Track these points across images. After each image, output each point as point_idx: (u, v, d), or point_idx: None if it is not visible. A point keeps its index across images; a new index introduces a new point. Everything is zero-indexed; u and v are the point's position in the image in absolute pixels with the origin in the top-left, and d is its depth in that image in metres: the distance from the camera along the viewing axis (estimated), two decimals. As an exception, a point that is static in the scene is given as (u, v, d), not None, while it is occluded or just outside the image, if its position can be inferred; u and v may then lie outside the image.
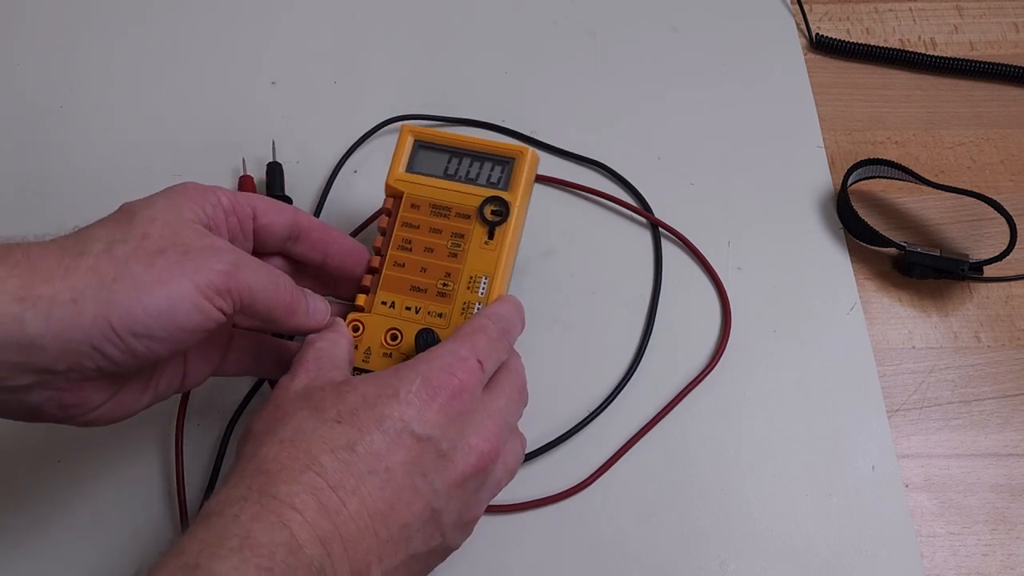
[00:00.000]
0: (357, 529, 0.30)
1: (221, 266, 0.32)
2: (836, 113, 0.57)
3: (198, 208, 0.35)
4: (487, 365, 0.35)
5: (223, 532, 0.28)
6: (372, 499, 0.30)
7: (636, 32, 0.60)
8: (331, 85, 0.58)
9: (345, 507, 0.30)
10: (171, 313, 0.31)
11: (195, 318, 0.32)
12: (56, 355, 0.30)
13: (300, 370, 0.35)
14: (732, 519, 0.43)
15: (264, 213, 0.38)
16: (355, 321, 0.40)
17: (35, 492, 0.43)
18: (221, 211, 0.36)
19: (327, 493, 0.30)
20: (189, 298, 0.31)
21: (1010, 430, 0.46)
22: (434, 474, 0.32)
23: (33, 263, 0.30)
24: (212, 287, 0.32)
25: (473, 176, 0.43)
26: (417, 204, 0.42)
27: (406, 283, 0.41)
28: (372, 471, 0.30)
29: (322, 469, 0.30)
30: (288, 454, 0.30)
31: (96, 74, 0.58)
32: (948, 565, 0.42)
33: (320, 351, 0.36)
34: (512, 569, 0.42)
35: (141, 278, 0.31)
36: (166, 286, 0.31)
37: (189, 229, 0.34)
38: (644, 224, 0.52)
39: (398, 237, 0.42)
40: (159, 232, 0.33)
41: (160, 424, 0.44)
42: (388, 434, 0.31)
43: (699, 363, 0.47)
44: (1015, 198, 0.53)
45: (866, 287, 0.51)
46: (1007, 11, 0.62)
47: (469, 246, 0.41)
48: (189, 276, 0.32)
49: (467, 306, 0.40)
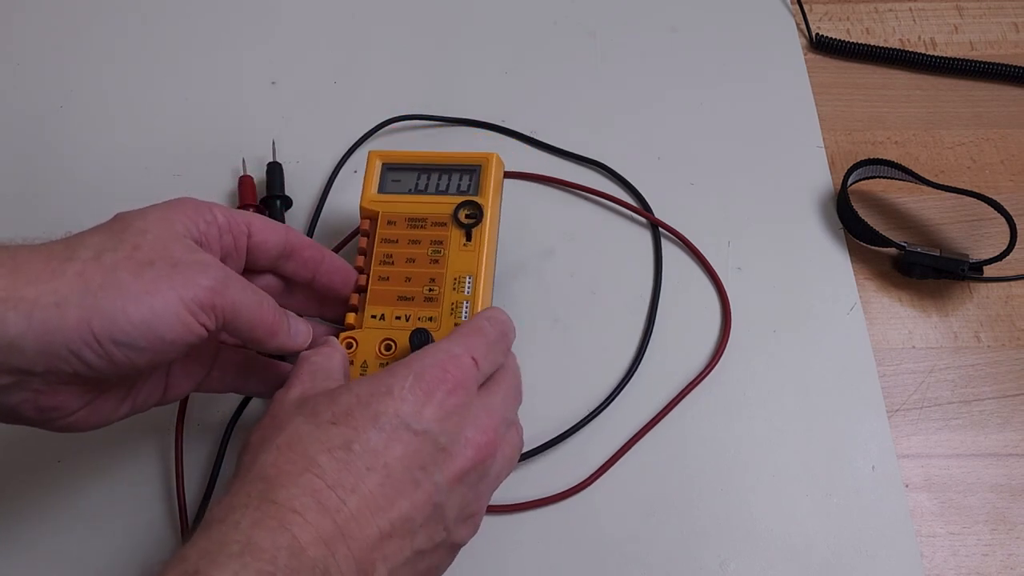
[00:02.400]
0: (359, 527, 0.30)
1: (208, 282, 0.33)
2: (836, 113, 0.57)
3: (191, 224, 0.35)
4: (482, 364, 0.35)
5: (224, 539, 0.28)
6: (373, 495, 0.30)
7: (636, 32, 0.60)
8: (331, 85, 0.58)
9: (346, 505, 0.30)
10: (154, 324, 0.31)
11: (177, 331, 0.32)
12: (34, 357, 0.30)
13: (295, 382, 0.35)
14: (732, 519, 0.43)
15: (258, 231, 0.38)
16: (348, 339, 0.41)
17: (35, 494, 0.43)
18: (215, 228, 0.36)
19: (326, 493, 0.29)
20: (173, 311, 0.32)
21: (1010, 430, 0.46)
22: (433, 468, 0.32)
23: (18, 264, 0.31)
24: (197, 302, 0.32)
25: (443, 188, 0.45)
26: (393, 220, 0.44)
27: (393, 294, 0.42)
28: (371, 468, 0.30)
29: (320, 470, 0.30)
30: (285, 458, 0.30)
31: (96, 75, 0.58)
32: (948, 565, 0.42)
33: (315, 364, 0.36)
34: (512, 569, 0.42)
35: (127, 287, 0.31)
36: (152, 297, 0.31)
37: (180, 244, 0.34)
38: (644, 224, 0.52)
39: (379, 253, 0.43)
40: (150, 244, 0.33)
41: (160, 427, 0.44)
42: (384, 430, 0.31)
43: (699, 363, 0.47)
44: (1015, 198, 0.53)
45: (866, 287, 0.51)
46: (1007, 11, 0.62)
47: (449, 250, 0.43)
48: (175, 289, 0.32)
49: (455, 306, 0.41)
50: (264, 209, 0.51)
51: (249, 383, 0.41)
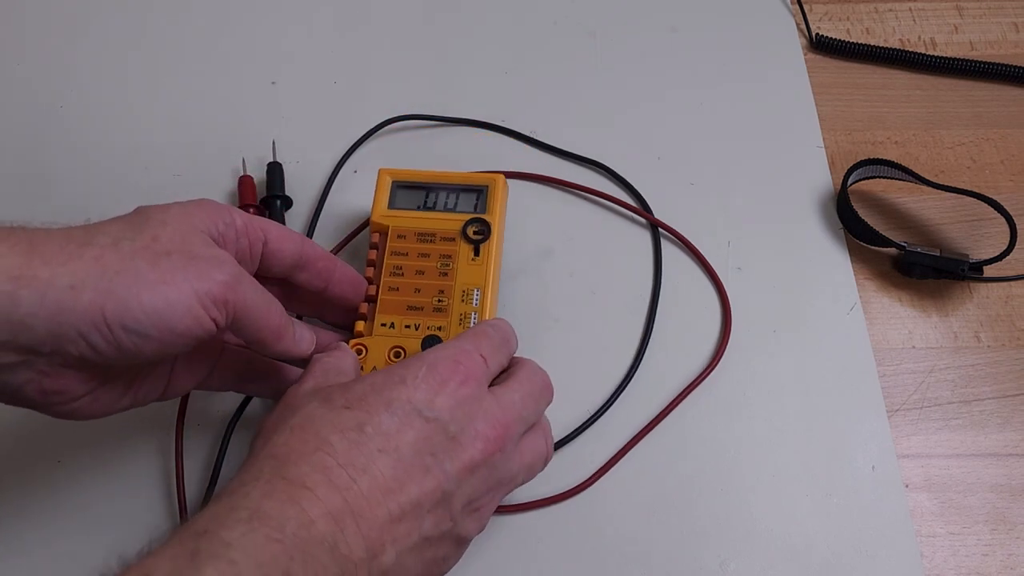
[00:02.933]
0: (369, 506, 0.30)
1: (223, 277, 0.33)
2: (836, 113, 0.57)
3: (211, 222, 0.36)
4: (491, 362, 0.36)
5: (233, 505, 0.28)
6: (383, 477, 0.31)
7: (636, 32, 0.60)
8: (331, 85, 0.58)
9: (356, 484, 0.30)
10: (166, 313, 0.32)
11: (187, 323, 0.32)
12: (43, 337, 0.30)
13: (308, 378, 0.36)
14: (732, 519, 0.43)
15: (275, 239, 0.39)
16: (358, 345, 0.43)
17: (35, 492, 0.43)
18: (233, 231, 0.37)
19: (337, 471, 0.30)
20: (186, 302, 0.32)
21: (1010, 430, 0.46)
22: (443, 455, 0.32)
23: (35, 245, 0.31)
24: (210, 296, 0.33)
25: (451, 206, 0.47)
26: (403, 234, 0.46)
27: (402, 304, 0.44)
28: (382, 450, 0.31)
29: (332, 449, 0.30)
30: (298, 438, 0.31)
31: (96, 74, 0.58)
32: (948, 565, 0.42)
33: (327, 364, 0.37)
34: (512, 569, 0.42)
35: (143, 275, 0.31)
36: (167, 287, 0.32)
37: (198, 238, 0.34)
38: (644, 224, 0.52)
39: (389, 265, 0.45)
40: (168, 236, 0.33)
41: (161, 424, 0.44)
42: (396, 415, 0.32)
43: (699, 363, 0.47)
44: (1015, 198, 0.53)
45: (866, 287, 0.51)
46: (1007, 11, 0.62)
47: (457, 264, 0.45)
48: (190, 281, 0.32)
49: (464, 316, 0.43)
50: (264, 209, 0.51)
51: (250, 385, 0.42)
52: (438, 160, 0.54)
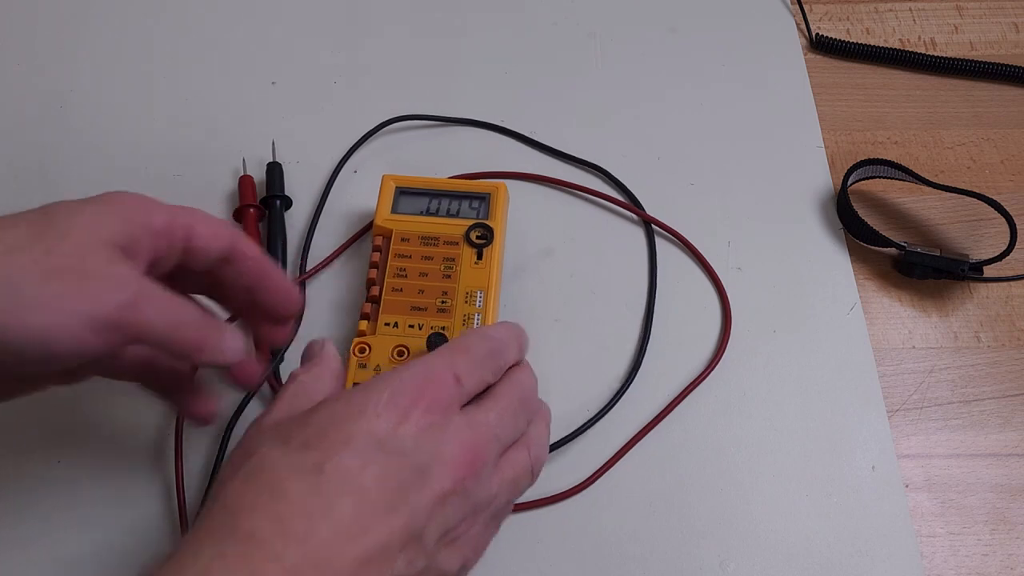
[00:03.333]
0: (332, 554, 0.28)
1: (119, 298, 0.31)
2: (836, 113, 0.57)
3: (120, 231, 0.33)
4: (466, 382, 0.33)
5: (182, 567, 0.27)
6: (346, 520, 0.29)
7: (636, 32, 0.60)
8: (331, 85, 0.58)
9: (316, 532, 0.28)
10: (46, 338, 0.30)
11: (70, 347, 0.30)
12: None
13: (276, 405, 0.34)
14: (732, 519, 0.43)
15: (201, 236, 0.36)
16: (361, 343, 0.43)
17: (34, 494, 0.43)
18: (149, 234, 0.34)
19: (294, 521, 0.28)
20: (70, 327, 0.30)
21: (1010, 430, 0.46)
22: (410, 489, 0.30)
23: None
24: (102, 319, 0.30)
25: (454, 212, 0.48)
26: (407, 238, 0.46)
27: (406, 304, 0.44)
28: (343, 491, 0.29)
29: (287, 497, 0.29)
30: (251, 488, 0.29)
31: (96, 74, 0.58)
32: (948, 565, 0.42)
33: (301, 385, 0.35)
34: (512, 569, 0.42)
35: (26, 295, 0.29)
36: (49, 309, 0.30)
37: (99, 253, 0.32)
38: (644, 225, 0.52)
39: (392, 267, 0.46)
40: (66, 250, 0.31)
41: (159, 424, 0.44)
42: (357, 451, 0.30)
43: (699, 363, 0.47)
44: (1015, 198, 0.53)
45: (866, 287, 0.51)
46: (1007, 11, 0.62)
47: (461, 267, 0.45)
48: (79, 305, 0.30)
49: (467, 318, 0.44)
50: (264, 209, 0.51)
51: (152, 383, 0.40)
52: (438, 160, 0.54)
